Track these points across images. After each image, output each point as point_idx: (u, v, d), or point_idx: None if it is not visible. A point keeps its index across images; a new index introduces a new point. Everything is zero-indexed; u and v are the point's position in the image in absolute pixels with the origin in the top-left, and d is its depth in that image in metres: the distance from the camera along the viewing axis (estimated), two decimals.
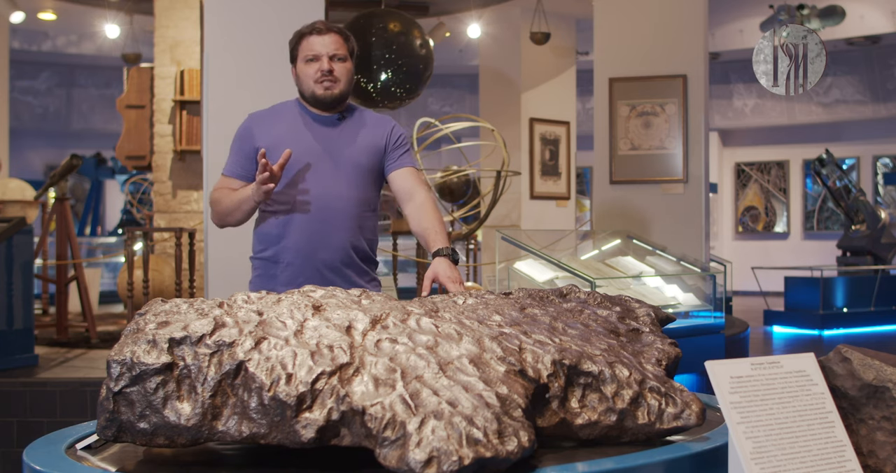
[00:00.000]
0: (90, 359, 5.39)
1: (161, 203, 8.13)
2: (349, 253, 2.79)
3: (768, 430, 1.42)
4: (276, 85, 4.28)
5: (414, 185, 2.83)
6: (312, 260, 2.76)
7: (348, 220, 2.78)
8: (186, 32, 8.16)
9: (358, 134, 2.84)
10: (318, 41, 2.77)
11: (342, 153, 2.80)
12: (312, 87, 2.78)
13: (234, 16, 4.36)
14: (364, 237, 2.83)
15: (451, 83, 16.12)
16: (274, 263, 2.80)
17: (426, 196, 2.82)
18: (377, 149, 2.85)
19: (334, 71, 2.77)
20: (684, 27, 7.29)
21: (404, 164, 2.86)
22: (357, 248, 2.81)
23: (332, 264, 2.77)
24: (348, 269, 2.80)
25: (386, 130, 2.88)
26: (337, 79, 2.78)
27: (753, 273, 11.08)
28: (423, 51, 6.35)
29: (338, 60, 2.79)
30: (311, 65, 2.78)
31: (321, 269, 2.76)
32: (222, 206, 2.81)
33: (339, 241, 2.77)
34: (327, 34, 2.78)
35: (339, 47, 2.78)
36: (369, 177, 2.84)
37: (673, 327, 5.05)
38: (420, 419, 1.32)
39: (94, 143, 15.53)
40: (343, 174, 2.78)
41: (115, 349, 1.51)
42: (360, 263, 2.83)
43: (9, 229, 4.88)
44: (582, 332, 1.70)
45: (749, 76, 13.69)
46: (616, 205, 7.42)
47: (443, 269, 2.55)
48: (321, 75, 2.76)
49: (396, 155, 2.87)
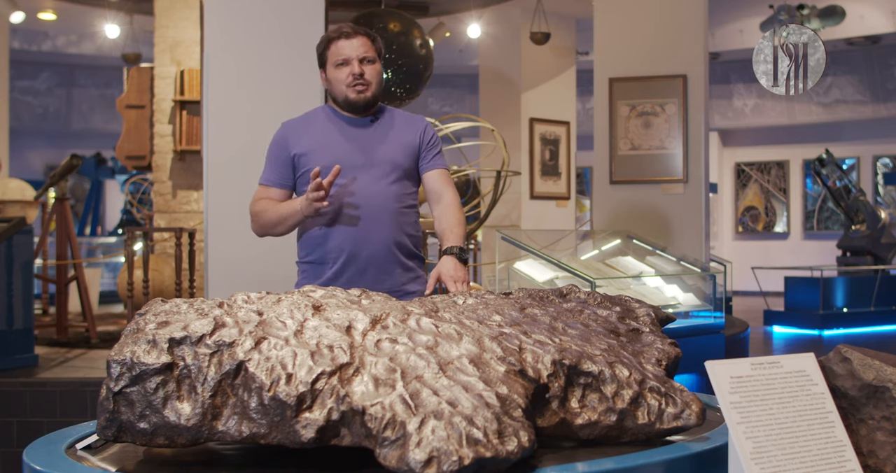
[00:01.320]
0: (90, 359, 5.39)
1: (161, 203, 8.13)
2: (392, 250, 2.81)
3: (768, 430, 1.42)
4: (277, 85, 4.28)
5: (444, 187, 2.89)
6: (357, 260, 2.78)
7: (388, 217, 2.80)
8: (186, 32, 8.16)
9: (391, 133, 2.88)
10: (347, 45, 2.79)
11: (377, 152, 2.83)
12: (345, 92, 2.80)
13: (234, 16, 4.36)
14: (406, 233, 2.85)
15: (451, 83, 16.12)
16: (320, 265, 2.83)
17: (453, 197, 2.87)
18: (411, 147, 2.88)
19: (365, 74, 2.79)
20: (684, 27, 7.28)
21: (437, 166, 2.91)
22: (400, 245, 2.83)
23: (377, 262, 2.79)
24: (393, 266, 2.82)
25: (419, 129, 2.92)
26: (368, 83, 2.80)
27: (753, 273, 11.08)
28: (423, 51, 6.36)
29: (367, 63, 2.81)
30: (341, 69, 2.80)
31: (366, 267, 2.79)
32: (265, 219, 2.85)
33: (382, 239, 2.79)
34: (355, 37, 2.80)
35: (367, 50, 2.80)
36: (407, 175, 2.87)
37: (673, 327, 5.05)
38: (420, 419, 1.32)
39: (94, 143, 15.53)
40: (380, 172, 2.81)
41: (115, 349, 1.51)
42: (404, 259, 2.85)
43: (9, 229, 4.88)
44: (582, 332, 1.70)
45: (749, 76, 13.68)
46: (616, 205, 7.42)
47: (447, 268, 2.59)
48: (353, 79, 2.78)
49: (430, 155, 2.91)
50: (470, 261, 8.73)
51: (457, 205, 2.86)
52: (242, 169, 4.15)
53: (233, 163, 4.23)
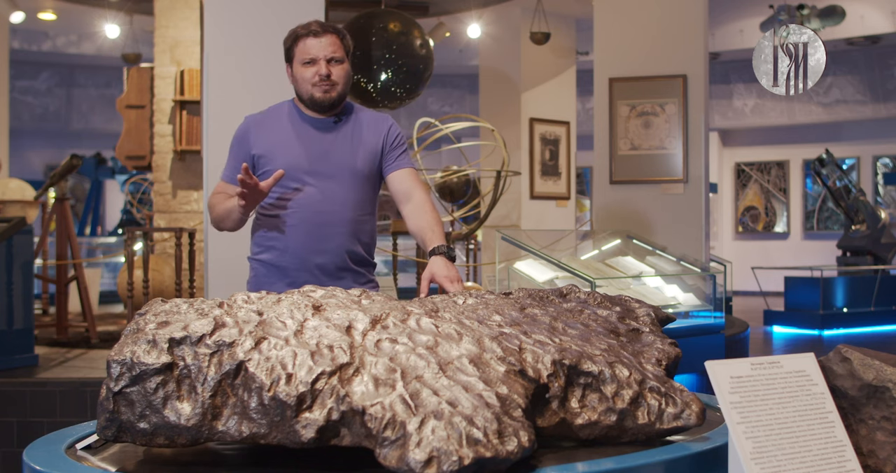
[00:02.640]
0: (90, 359, 5.39)
1: (161, 203, 8.13)
2: (345, 258, 2.78)
3: (768, 430, 1.42)
4: (276, 85, 4.28)
5: (411, 186, 2.81)
6: (308, 264, 2.75)
7: (345, 225, 2.77)
8: (186, 32, 8.16)
9: (354, 137, 2.82)
10: (315, 44, 2.74)
11: (339, 157, 2.78)
12: (310, 91, 2.75)
13: (234, 16, 4.36)
14: (361, 241, 2.82)
15: (451, 83, 16.12)
16: (270, 266, 2.80)
17: (423, 196, 2.80)
18: (374, 151, 2.83)
19: (332, 74, 2.74)
20: (684, 27, 7.29)
21: (402, 166, 2.84)
22: (353, 253, 2.80)
23: (328, 268, 2.77)
24: (344, 273, 2.80)
25: (383, 131, 2.85)
26: (335, 83, 2.75)
27: (753, 273, 11.08)
28: (423, 51, 6.35)
29: (335, 63, 2.75)
30: (308, 68, 2.75)
31: (317, 273, 2.76)
32: (215, 213, 2.82)
33: (336, 246, 2.76)
34: (324, 36, 2.74)
35: (336, 49, 2.75)
36: (367, 181, 2.82)
37: (673, 327, 5.05)
38: (420, 419, 1.32)
39: (94, 143, 15.53)
40: (340, 178, 2.77)
41: (115, 349, 1.51)
42: (356, 267, 2.83)
43: (9, 229, 4.88)
44: (582, 332, 1.70)
45: (749, 76, 13.68)
46: (616, 205, 7.42)
47: (439, 268, 2.52)
48: (319, 79, 2.73)
49: (394, 156, 2.85)
50: (470, 261, 8.73)
51: (429, 203, 2.79)
52: None
53: None
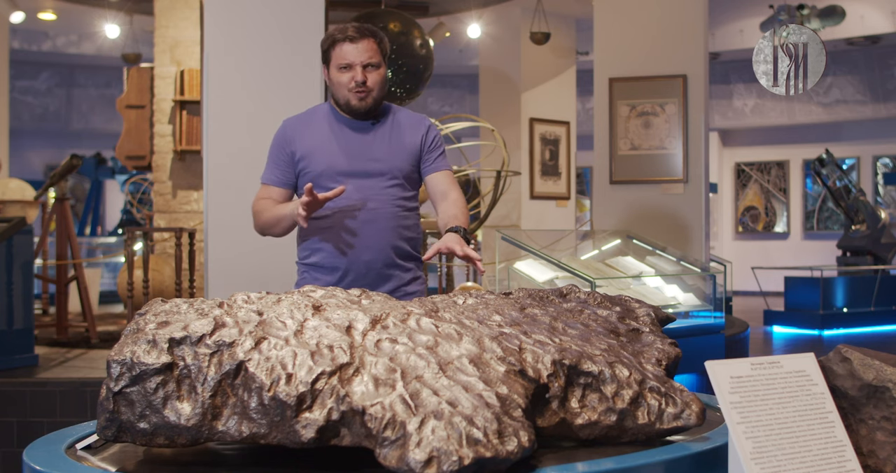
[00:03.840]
0: (90, 359, 5.38)
1: (161, 203, 8.13)
2: (390, 254, 2.82)
3: (768, 430, 1.42)
4: (277, 85, 4.28)
5: (449, 187, 2.89)
6: (356, 263, 2.79)
7: (388, 222, 2.81)
8: (186, 32, 8.16)
9: (393, 136, 2.86)
10: (352, 49, 2.75)
11: (377, 157, 2.82)
12: (347, 96, 2.78)
13: (234, 16, 4.36)
14: (404, 237, 2.85)
15: (451, 83, 16.12)
16: (319, 268, 2.83)
17: (458, 195, 2.88)
18: (413, 150, 2.87)
19: (368, 81, 2.76)
20: (684, 27, 7.29)
21: (440, 168, 2.90)
22: (398, 249, 2.84)
23: (375, 266, 2.80)
24: (391, 269, 2.83)
25: (421, 132, 2.90)
26: (370, 90, 2.77)
27: (753, 273, 11.07)
28: (423, 51, 6.35)
29: (371, 69, 2.77)
30: (344, 73, 2.77)
31: (365, 271, 2.79)
32: (263, 219, 2.86)
33: (380, 244, 2.80)
34: (361, 41, 2.75)
35: (372, 55, 2.77)
36: (405, 179, 2.87)
37: (673, 327, 5.05)
38: (420, 419, 1.32)
39: (94, 143, 15.53)
40: (379, 177, 2.81)
41: (115, 349, 1.51)
42: (402, 262, 2.85)
43: (9, 229, 4.88)
44: (582, 332, 1.70)
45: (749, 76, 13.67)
46: (616, 205, 7.42)
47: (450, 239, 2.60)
48: (356, 85, 2.75)
49: (433, 157, 2.90)
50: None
51: (462, 201, 2.87)
52: (242, 169, 4.15)
53: (233, 163, 4.23)
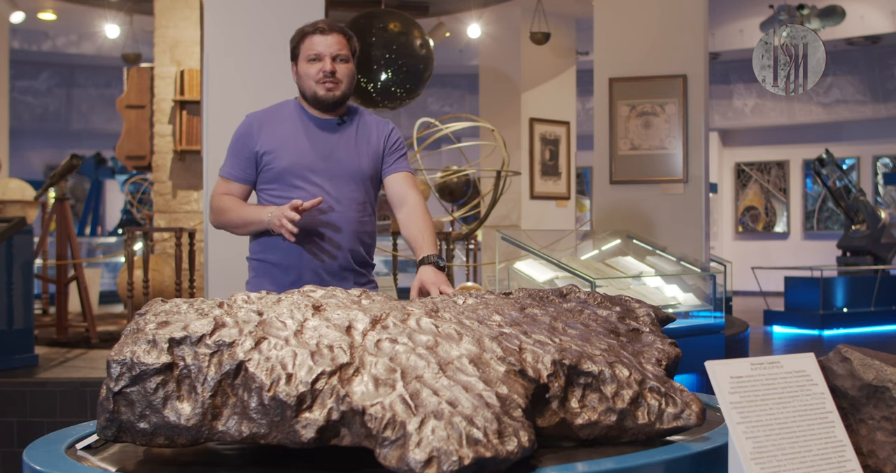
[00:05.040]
0: (90, 359, 5.38)
1: (161, 203, 8.13)
2: (347, 258, 2.79)
3: (768, 430, 1.42)
4: (276, 85, 4.28)
5: (406, 190, 2.84)
6: (310, 264, 2.76)
7: (347, 226, 2.78)
8: (186, 32, 8.16)
9: (359, 138, 2.84)
10: (321, 41, 2.74)
11: (342, 158, 2.80)
12: (314, 88, 2.76)
13: (234, 16, 4.36)
14: (362, 242, 2.83)
15: (451, 83, 16.12)
16: (271, 265, 2.80)
17: (417, 201, 2.82)
18: (376, 153, 2.85)
19: (337, 72, 2.75)
20: (684, 27, 7.29)
21: (399, 169, 2.87)
22: (355, 253, 2.81)
23: (330, 268, 2.77)
24: (347, 273, 2.81)
25: (384, 134, 2.88)
26: (339, 81, 2.76)
27: (753, 273, 11.07)
28: (423, 51, 6.35)
29: (340, 61, 2.77)
30: (313, 64, 2.76)
31: (320, 273, 2.76)
32: (228, 218, 2.81)
33: (337, 247, 2.77)
34: (330, 34, 2.75)
35: (341, 48, 2.76)
36: (368, 182, 2.84)
37: (673, 327, 5.05)
38: (420, 419, 1.32)
39: (94, 143, 15.53)
40: (342, 179, 2.78)
41: (115, 349, 1.51)
42: (357, 267, 2.84)
43: (9, 229, 4.88)
44: (582, 332, 1.70)
45: (749, 76, 13.69)
46: (616, 205, 7.42)
47: (427, 276, 2.55)
48: (323, 76, 2.74)
49: (392, 159, 2.87)
50: (470, 261, 8.73)
51: (423, 208, 2.80)
52: None
53: None
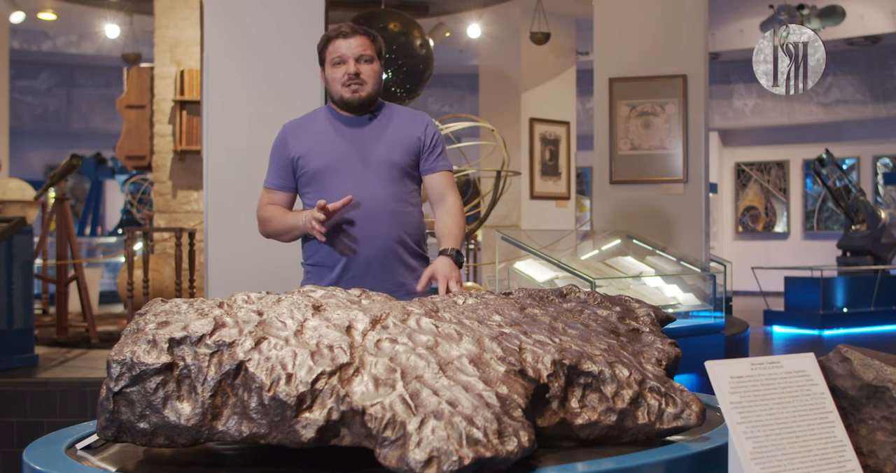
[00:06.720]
0: (90, 359, 5.38)
1: (161, 203, 8.13)
2: (394, 249, 2.81)
3: (768, 430, 1.42)
4: (277, 85, 4.28)
5: (447, 190, 2.90)
6: (357, 261, 2.79)
7: (387, 217, 2.80)
8: (186, 32, 8.16)
9: (391, 130, 2.87)
10: (344, 44, 2.79)
11: (374, 152, 2.83)
12: (340, 91, 2.81)
13: (234, 16, 4.36)
14: (407, 232, 2.85)
15: (451, 83, 16.12)
16: (322, 268, 2.84)
17: (455, 199, 2.89)
18: (411, 145, 2.88)
19: (361, 73, 2.79)
20: (684, 27, 7.29)
21: (440, 168, 2.91)
22: (402, 243, 2.83)
23: (377, 262, 2.79)
24: (395, 265, 2.82)
25: (420, 128, 2.91)
26: (364, 82, 2.80)
27: (753, 273, 11.07)
28: (423, 51, 6.36)
29: (364, 62, 2.81)
30: (338, 68, 2.80)
31: (367, 268, 2.79)
32: (272, 227, 2.89)
33: (382, 239, 2.79)
34: (353, 36, 2.80)
35: (365, 48, 2.80)
36: (404, 173, 2.86)
37: (673, 327, 5.05)
38: (420, 419, 1.32)
39: (94, 143, 15.52)
40: (376, 172, 2.81)
41: (115, 349, 1.51)
42: (407, 258, 2.85)
43: (9, 229, 4.88)
44: (582, 332, 1.70)
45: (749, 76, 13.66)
46: (616, 205, 7.42)
47: (442, 267, 2.62)
48: (348, 78, 2.78)
49: (433, 156, 2.91)
50: (470, 261, 8.72)
51: (458, 208, 2.87)
52: (242, 169, 4.15)
53: (233, 163, 4.23)
